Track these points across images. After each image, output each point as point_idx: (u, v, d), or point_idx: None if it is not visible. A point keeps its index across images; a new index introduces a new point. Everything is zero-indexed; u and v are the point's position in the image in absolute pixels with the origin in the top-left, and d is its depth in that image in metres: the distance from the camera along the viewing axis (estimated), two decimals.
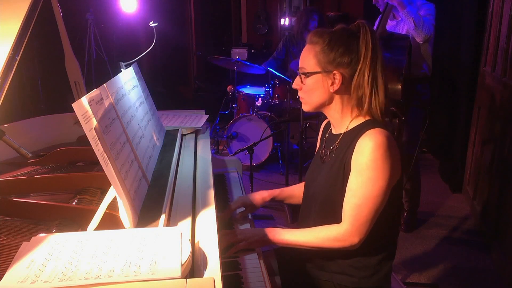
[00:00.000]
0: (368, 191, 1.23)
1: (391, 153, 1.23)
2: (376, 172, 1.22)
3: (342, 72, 1.28)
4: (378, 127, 1.26)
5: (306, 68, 1.32)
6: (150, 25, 1.85)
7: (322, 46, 1.29)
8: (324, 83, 1.30)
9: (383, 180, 1.23)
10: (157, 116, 1.76)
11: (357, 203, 1.24)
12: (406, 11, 2.68)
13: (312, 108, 1.37)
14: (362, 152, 1.24)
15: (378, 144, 1.21)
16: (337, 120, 1.37)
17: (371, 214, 1.24)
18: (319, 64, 1.30)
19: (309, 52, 1.32)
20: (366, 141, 1.24)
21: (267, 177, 4.03)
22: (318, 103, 1.35)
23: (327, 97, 1.33)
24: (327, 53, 1.28)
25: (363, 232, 1.25)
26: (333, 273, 1.39)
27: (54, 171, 1.60)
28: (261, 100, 4.26)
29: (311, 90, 1.33)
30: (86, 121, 0.98)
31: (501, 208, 2.62)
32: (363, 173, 1.23)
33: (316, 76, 1.31)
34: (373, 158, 1.22)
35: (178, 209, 1.20)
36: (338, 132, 1.39)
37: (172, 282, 0.84)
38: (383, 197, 1.24)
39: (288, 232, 1.35)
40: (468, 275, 2.56)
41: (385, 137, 1.23)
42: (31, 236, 0.98)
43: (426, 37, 2.68)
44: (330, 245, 1.29)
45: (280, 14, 6.16)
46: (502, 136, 2.67)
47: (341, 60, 1.27)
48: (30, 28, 1.26)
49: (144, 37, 5.73)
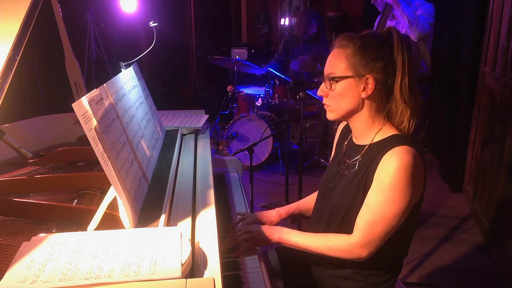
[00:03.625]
0: (386, 211, 1.18)
1: (416, 174, 1.18)
2: (398, 193, 1.17)
3: (375, 77, 1.21)
4: (405, 145, 1.20)
5: (335, 73, 1.24)
6: (150, 25, 1.85)
7: (354, 49, 1.22)
8: (355, 88, 1.23)
9: (403, 202, 1.18)
10: (157, 116, 1.76)
11: (372, 219, 1.20)
12: (400, 9, 2.69)
13: (339, 116, 1.29)
14: (387, 170, 1.18)
15: (405, 165, 1.16)
16: (362, 131, 1.31)
17: (384, 232, 1.20)
18: (351, 68, 1.22)
19: (339, 56, 1.24)
20: (392, 160, 1.18)
21: (267, 177, 4.03)
22: (347, 110, 1.27)
23: (356, 104, 1.25)
24: (359, 56, 1.21)
25: (373, 248, 1.21)
26: (337, 277, 1.36)
27: (54, 171, 1.60)
28: (261, 100, 4.26)
29: (340, 96, 1.25)
30: (86, 121, 0.98)
31: (501, 208, 2.62)
32: (384, 192, 1.18)
33: (347, 80, 1.23)
34: (397, 179, 1.16)
35: (178, 209, 1.20)
36: (361, 143, 1.32)
37: (172, 282, 0.84)
38: (400, 218, 1.20)
39: (297, 235, 1.32)
40: (468, 275, 2.56)
41: (412, 157, 1.17)
42: (31, 236, 0.98)
43: (421, 35, 2.69)
44: (337, 255, 1.26)
45: (280, 14, 6.16)
46: (502, 136, 2.67)
47: (374, 64, 1.21)
48: (30, 28, 1.26)
49: (144, 37, 5.73)
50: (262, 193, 3.69)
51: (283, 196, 3.33)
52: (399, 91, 1.22)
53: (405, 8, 2.68)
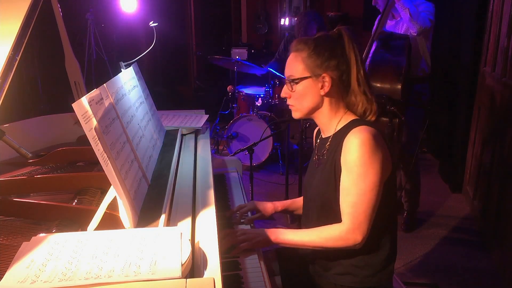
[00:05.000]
0: (361, 187, 1.25)
1: (378, 149, 1.25)
2: (365, 167, 1.24)
3: (331, 75, 1.31)
4: (363, 125, 1.29)
5: (294, 75, 1.35)
6: (150, 25, 1.85)
7: (309, 52, 1.32)
8: (314, 87, 1.33)
9: (373, 174, 1.24)
10: (157, 116, 1.76)
11: (353, 200, 1.26)
12: (401, 2, 2.68)
13: (304, 114, 1.39)
14: (349, 150, 1.26)
15: (363, 141, 1.24)
16: (326, 124, 1.40)
17: (368, 209, 1.26)
18: (307, 69, 1.33)
19: (296, 59, 1.35)
20: (351, 139, 1.26)
21: (267, 177, 4.03)
22: (310, 108, 1.37)
23: (317, 101, 1.35)
24: (314, 58, 1.32)
25: (365, 229, 1.26)
26: (335, 274, 1.39)
27: (54, 171, 1.60)
28: (261, 100, 4.26)
29: (302, 96, 1.35)
30: (86, 121, 0.98)
31: (501, 208, 2.62)
32: (353, 170, 1.25)
33: (306, 81, 1.33)
34: (360, 155, 1.24)
35: (178, 209, 1.20)
36: (327, 135, 1.41)
37: (172, 282, 0.84)
38: (377, 191, 1.26)
39: (292, 233, 1.36)
40: (468, 275, 2.56)
41: (370, 133, 1.26)
42: (31, 236, 0.98)
43: (421, 29, 2.68)
44: (333, 245, 1.30)
45: (280, 14, 6.16)
46: (502, 136, 2.67)
47: (328, 63, 1.31)
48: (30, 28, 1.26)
49: (144, 37, 5.73)
50: (262, 193, 3.70)
51: (283, 196, 3.32)
52: (357, 84, 1.33)
53: (406, 2, 2.68)
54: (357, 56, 1.32)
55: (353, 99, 1.35)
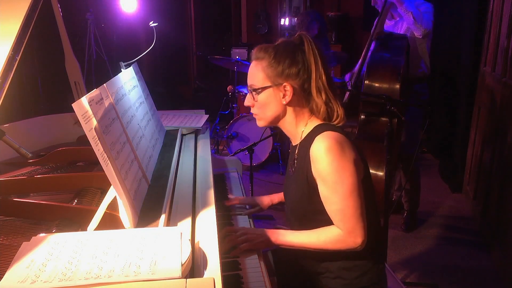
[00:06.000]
0: (340, 193, 1.24)
1: (345, 151, 1.25)
2: (339, 173, 1.23)
3: (292, 84, 1.30)
4: (324, 131, 1.28)
5: (255, 84, 1.33)
6: (150, 25, 1.85)
7: (269, 61, 1.30)
8: (276, 96, 1.32)
9: (348, 177, 1.24)
10: (157, 116, 1.76)
11: (338, 208, 1.26)
12: (404, 7, 2.70)
13: (267, 123, 1.38)
14: (317, 160, 1.25)
15: (329, 147, 1.23)
16: (292, 132, 1.40)
17: (356, 212, 1.25)
18: (268, 79, 1.31)
19: (256, 68, 1.33)
20: (317, 148, 1.25)
21: (267, 177, 4.03)
22: (273, 117, 1.36)
23: (280, 110, 1.34)
24: (274, 66, 1.30)
25: (360, 230, 1.26)
26: (326, 277, 1.40)
27: (54, 171, 1.60)
28: None
29: (264, 105, 1.34)
30: (86, 121, 0.98)
31: (501, 208, 2.62)
32: (327, 179, 1.25)
33: (267, 90, 1.32)
34: (330, 161, 1.23)
35: (178, 209, 1.20)
36: (295, 143, 1.41)
37: (172, 282, 0.84)
38: (357, 192, 1.25)
39: (292, 234, 1.36)
40: (468, 275, 2.56)
41: (333, 138, 1.25)
42: (31, 236, 0.98)
43: (425, 31, 2.70)
44: (333, 247, 1.30)
45: (280, 14, 6.16)
46: (502, 136, 2.67)
47: (289, 71, 1.29)
48: (30, 28, 1.26)
49: (144, 37, 5.73)
50: (262, 193, 3.65)
51: None
52: (316, 91, 1.30)
53: (409, 5, 2.69)
54: (317, 62, 1.30)
55: (315, 106, 1.33)
